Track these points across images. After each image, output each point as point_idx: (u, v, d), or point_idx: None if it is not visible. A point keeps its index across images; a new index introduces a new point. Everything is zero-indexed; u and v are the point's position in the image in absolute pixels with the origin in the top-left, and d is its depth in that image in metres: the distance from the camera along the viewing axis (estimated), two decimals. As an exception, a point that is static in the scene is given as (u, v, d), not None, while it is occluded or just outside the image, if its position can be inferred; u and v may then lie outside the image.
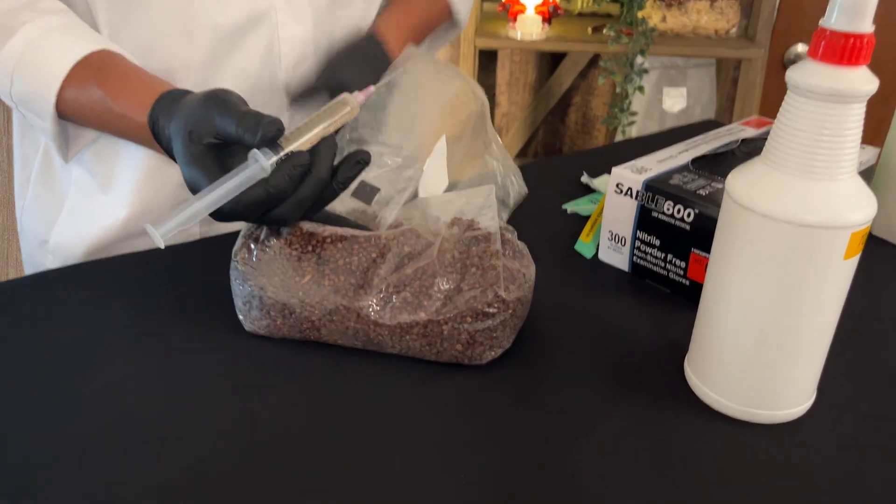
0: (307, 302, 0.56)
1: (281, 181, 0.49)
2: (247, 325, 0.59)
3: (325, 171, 0.51)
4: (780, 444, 0.52)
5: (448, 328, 0.55)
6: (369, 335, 0.56)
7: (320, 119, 0.52)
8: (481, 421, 0.53)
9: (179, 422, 0.52)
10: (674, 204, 0.66)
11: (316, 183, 0.51)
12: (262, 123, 0.49)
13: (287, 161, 0.50)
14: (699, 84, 2.10)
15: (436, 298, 0.55)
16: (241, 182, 0.49)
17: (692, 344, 0.57)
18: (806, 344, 0.50)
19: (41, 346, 0.59)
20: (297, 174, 0.50)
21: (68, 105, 0.65)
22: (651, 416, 0.54)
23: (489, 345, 0.56)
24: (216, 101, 0.51)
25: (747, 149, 0.78)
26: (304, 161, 0.50)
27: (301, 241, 0.56)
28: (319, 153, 0.51)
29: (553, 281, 0.70)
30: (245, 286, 0.57)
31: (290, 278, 0.56)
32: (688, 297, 0.67)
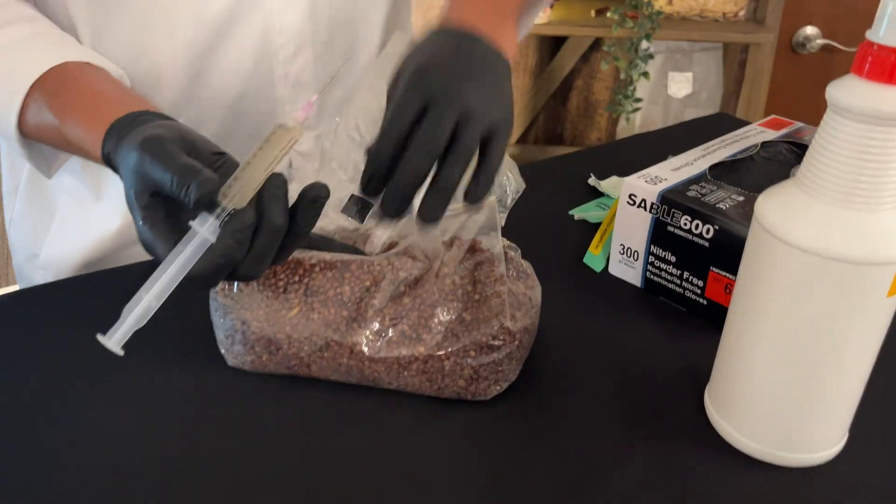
0: (295, 337, 0.52)
1: (227, 247, 0.43)
2: (230, 360, 0.55)
3: (278, 218, 0.44)
4: (807, 489, 0.48)
5: (450, 363, 0.50)
6: (364, 372, 0.52)
7: (259, 159, 0.44)
8: (487, 463, 0.49)
9: (156, 466, 0.48)
10: (691, 219, 0.61)
11: (271, 233, 0.44)
12: (194, 183, 0.42)
13: (231, 222, 0.43)
14: (705, 69, 2.04)
15: (436, 331, 0.50)
16: (188, 259, 0.43)
17: (714, 377, 0.53)
18: (841, 385, 0.46)
19: (17, 369, 0.55)
20: (245, 235, 0.43)
21: (31, 130, 0.60)
22: (671, 458, 0.50)
23: (494, 379, 0.52)
24: (151, 152, 0.44)
25: (767, 153, 0.73)
26: (249, 219, 0.43)
27: (286, 270, 0.52)
28: (266, 200, 0.44)
29: (560, 297, 0.66)
30: (226, 319, 0.53)
31: (276, 311, 0.51)
32: (706, 316, 0.63)
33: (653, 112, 2.10)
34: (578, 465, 0.49)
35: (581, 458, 0.49)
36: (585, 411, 0.53)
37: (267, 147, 0.44)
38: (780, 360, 0.46)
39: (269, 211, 0.44)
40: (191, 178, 0.42)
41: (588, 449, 0.50)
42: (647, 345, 0.61)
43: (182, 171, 0.43)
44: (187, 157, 0.44)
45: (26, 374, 0.55)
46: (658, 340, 0.61)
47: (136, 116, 0.51)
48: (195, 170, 0.43)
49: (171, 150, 0.44)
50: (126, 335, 0.43)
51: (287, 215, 0.45)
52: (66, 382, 0.55)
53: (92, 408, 0.53)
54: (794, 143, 0.74)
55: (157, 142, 0.45)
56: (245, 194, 0.43)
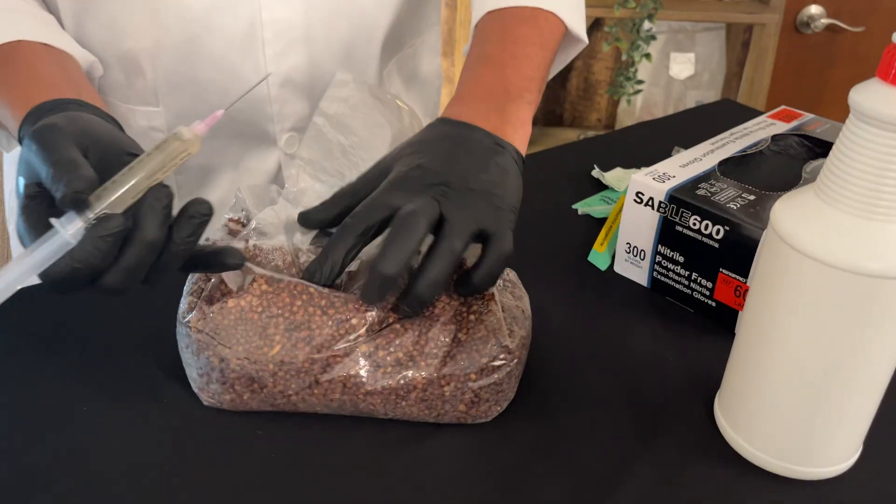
0: (280, 375, 0.48)
1: (87, 254, 0.39)
2: (204, 399, 0.50)
3: (152, 231, 0.40)
4: (819, 502, 0.47)
5: (450, 388, 0.48)
6: (358, 405, 0.49)
7: (144, 165, 0.41)
8: (488, 483, 0.47)
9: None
10: (701, 219, 0.59)
11: (143, 247, 0.41)
12: (65, 179, 0.39)
13: (96, 227, 0.40)
14: (708, 49, 2.01)
15: (432, 355, 0.48)
16: (44, 257, 0.39)
17: (724, 387, 0.51)
18: (858, 399, 0.45)
19: None
20: (108, 243, 0.40)
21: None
22: (680, 470, 0.48)
23: (495, 400, 0.50)
24: (39, 141, 0.41)
25: (777, 147, 0.71)
26: (116, 226, 0.40)
27: (263, 302, 0.47)
28: (142, 210, 0.41)
29: (563, 297, 0.64)
30: (200, 357, 0.48)
31: (258, 348, 0.47)
32: (714, 318, 0.61)
33: (654, 94, 2.07)
34: (583, 478, 0.47)
35: (586, 471, 0.48)
36: (589, 421, 0.52)
37: (155, 154, 0.41)
38: (796, 372, 0.45)
39: (143, 222, 0.41)
40: (64, 173, 0.39)
41: (593, 461, 0.49)
42: (653, 348, 0.59)
43: (58, 165, 0.40)
44: (73, 152, 0.41)
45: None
46: (665, 343, 0.60)
47: (61, 103, 0.48)
48: (72, 166, 0.40)
49: (59, 142, 0.41)
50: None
51: (164, 229, 0.42)
52: (29, 423, 0.52)
53: (65, 451, 0.48)
54: (806, 136, 0.72)
55: (50, 131, 0.42)
56: (121, 200, 0.40)
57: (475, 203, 0.48)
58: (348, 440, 0.49)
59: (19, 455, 0.48)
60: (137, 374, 0.54)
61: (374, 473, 0.47)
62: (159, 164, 0.41)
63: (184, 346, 0.49)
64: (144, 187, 0.41)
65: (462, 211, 0.47)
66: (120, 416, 0.51)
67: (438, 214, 0.47)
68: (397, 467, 0.48)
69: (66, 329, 0.58)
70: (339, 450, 0.49)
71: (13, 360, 0.55)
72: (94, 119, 0.47)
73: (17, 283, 0.40)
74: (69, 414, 0.51)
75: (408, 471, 0.48)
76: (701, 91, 2.03)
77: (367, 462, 0.48)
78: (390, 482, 0.47)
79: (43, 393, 0.52)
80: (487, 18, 0.66)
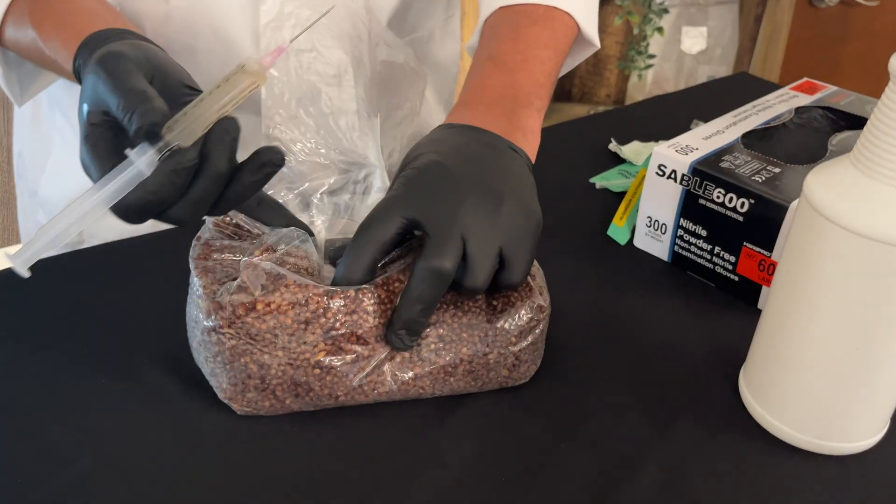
0: (328, 379, 0.46)
1: (160, 186, 0.40)
2: (237, 408, 0.47)
3: (222, 164, 0.41)
4: (846, 478, 0.46)
5: (494, 356, 0.48)
6: (408, 391, 0.48)
7: (214, 97, 0.41)
8: (513, 453, 0.47)
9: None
10: (725, 192, 0.58)
11: (212, 179, 0.41)
12: (139, 110, 0.39)
13: (170, 159, 0.40)
14: (720, 23, 1.98)
15: (473, 326, 0.47)
16: (118, 188, 0.40)
17: (750, 362, 0.51)
18: (887, 375, 0.44)
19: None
20: (181, 176, 0.40)
21: (10, 44, 0.57)
22: (705, 446, 0.48)
23: (532, 360, 0.50)
24: (107, 69, 0.41)
25: (801, 120, 0.70)
26: (190, 159, 0.40)
27: (296, 307, 0.45)
28: (212, 143, 0.41)
29: (583, 272, 0.64)
30: (236, 364, 0.45)
31: (300, 355, 0.45)
32: (736, 293, 0.60)
33: (665, 69, 2.04)
34: (607, 453, 0.47)
35: (610, 446, 0.47)
36: (611, 396, 0.51)
37: (224, 86, 0.41)
38: (827, 346, 0.44)
39: (214, 155, 0.41)
40: (137, 104, 0.39)
41: (617, 436, 0.48)
42: (675, 323, 0.58)
43: (130, 95, 0.39)
44: (143, 82, 0.41)
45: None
46: (687, 318, 0.59)
47: (113, 33, 0.47)
48: (144, 96, 0.39)
49: (126, 71, 0.41)
50: (36, 257, 0.40)
51: (232, 163, 0.42)
52: (50, 402, 0.52)
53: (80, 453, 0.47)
54: (830, 108, 0.71)
55: (116, 58, 0.42)
56: (192, 132, 0.40)
57: (498, 219, 0.45)
58: (367, 423, 0.49)
59: (40, 434, 0.47)
60: (162, 352, 0.53)
61: (397, 453, 0.47)
62: (228, 97, 0.41)
63: (211, 355, 0.46)
64: (213, 120, 0.41)
65: (484, 232, 0.44)
66: (141, 395, 0.50)
67: (461, 251, 0.44)
68: (418, 436, 0.47)
69: (89, 308, 0.57)
70: (359, 433, 0.48)
71: (34, 337, 0.55)
72: (151, 47, 0.46)
73: (94, 214, 0.40)
74: (91, 394, 0.50)
75: (430, 448, 0.47)
76: (713, 66, 2.01)
77: (391, 443, 0.48)
78: (410, 444, 0.47)
79: (64, 372, 0.52)
80: (498, 15, 0.63)
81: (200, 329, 0.45)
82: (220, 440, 0.47)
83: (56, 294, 0.58)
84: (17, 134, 0.80)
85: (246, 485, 0.44)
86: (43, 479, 0.44)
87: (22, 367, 0.52)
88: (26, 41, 0.54)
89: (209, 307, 0.45)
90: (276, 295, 0.45)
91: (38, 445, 0.46)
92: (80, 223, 0.40)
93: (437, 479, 0.45)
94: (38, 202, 0.77)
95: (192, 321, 0.47)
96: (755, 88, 0.92)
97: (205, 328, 0.45)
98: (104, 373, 0.51)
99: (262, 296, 0.44)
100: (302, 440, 0.47)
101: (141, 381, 0.51)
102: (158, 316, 0.55)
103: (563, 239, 0.68)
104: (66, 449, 0.46)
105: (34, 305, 0.57)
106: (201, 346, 0.46)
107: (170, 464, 0.45)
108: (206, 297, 0.45)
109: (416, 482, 0.45)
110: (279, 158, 0.43)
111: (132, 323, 0.56)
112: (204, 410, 0.48)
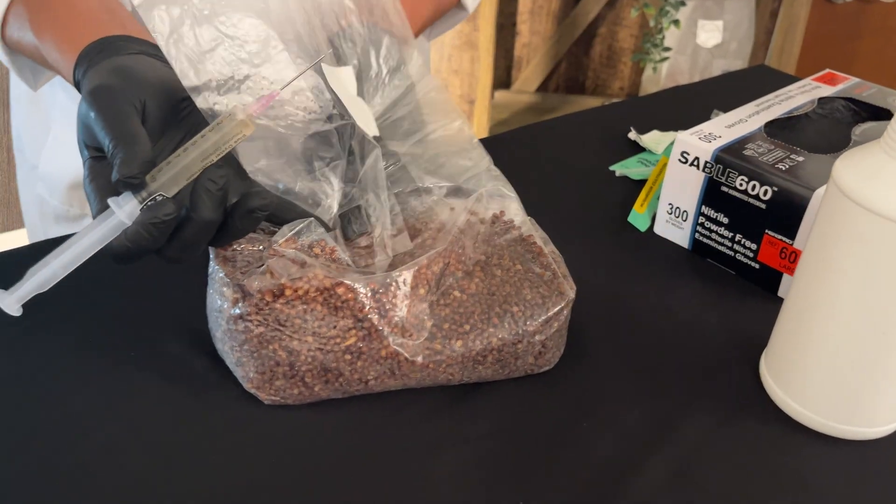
0: (359, 365, 0.46)
1: (138, 236, 0.40)
2: (264, 398, 0.47)
3: (206, 213, 0.41)
4: (866, 462, 0.47)
5: (523, 345, 0.48)
6: (438, 378, 0.48)
7: (198, 147, 0.41)
8: (537, 435, 0.47)
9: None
10: (748, 179, 0.58)
11: (199, 227, 0.41)
12: (119, 158, 0.39)
13: (150, 209, 0.40)
14: (736, 17, 1.97)
15: (507, 314, 0.48)
16: (102, 236, 0.41)
17: (773, 346, 0.51)
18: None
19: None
20: (159, 229, 0.41)
21: (14, 45, 0.57)
22: (726, 430, 0.48)
23: (557, 346, 0.51)
24: (97, 106, 0.41)
25: (824, 110, 0.70)
26: (168, 213, 0.40)
27: (324, 292, 0.45)
28: (197, 193, 0.41)
29: (603, 259, 0.64)
30: (265, 352, 0.45)
31: (330, 340, 0.45)
32: (757, 281, 0.61)
33: (679, 62, 2.04)
34: (628, 436, 0.47)
35: (631, 429, 0.48)
36: (633, 380, 0.52)
37: (210, 135, 0.41)
38: (851, 330, 0.44)
39: (199, 205, 0.41)
40: (120, 151, 0.39)
41: (638, 419, 0.49)
42: (696, 309, 0.59)
43: (116, 139, 0.40)
44: (131, 120, 0.41)
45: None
46: (707, 304, 0.59)
47: (108, 43, 0.47)
48: (129, 142, 0.40)
49: (114, 108, 0.41)
50: (25, 297, 0.41)
51: (221, 210, 0.42)
52: (77, 369, 0.53)
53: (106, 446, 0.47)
54: (852, 99, 0.71)
55: (105, 94, 0.42)
56: (175, 181, 0.41)
57: None
58: (391, 400, 0.49)
59: (66, 400, 0.48)
60: (185, 329, 0.54)
61: (420, 429, 0.48)
62: (213, 146, 0.41)
63: (237, 343, 0.46)
64: (198, 169, 0.41)
65: None
66: (163, 369, 0.51)
67: None
68: (440, 419, 0.48)
69: (112, 283, 0.58)
70: (382, 409, 0.49)
71: (57, 310, 0.55)
72: (143, 63, 0.46)
73: (77, 261, 0.42)
74: (113, 366, 0.51)
75: (453, 429, 0.48)
76: (728, 60, 2.00)
77: (414, 419, 0.48)
78: (437, 435, 0.47)
79: (91, 340, 0.52)
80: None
81: (226, 318, 0.46)
82: (241, 416, 0.48)
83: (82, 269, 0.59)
84: (15, 111, 0.80)
85: (272, 456, 0.45)
86: (68, 446, 0.45)
87: (46, 338, 0.52)
88: (29, 47, 0.55)
89: (235, 295, 0.45)
90: (303, 281, 0.45)
91: (64, 414, 0.47)
92: (69, 267, 0.41)
93: (459, 454, 0.46)
94: (38, 175, 0.77)
95: (216, 311, 0.47)
96: (773, 80, 0.92)
97: (231, 316, 0.45)
98: (127, 346, 0.52)
99: (290, 281, 0.45)
100: (325, 415, 0.48)
101: (163, 357, 0.51)
102: (182, 295, 0.56)
103: (584, 225, 0.68)
104: (89, 418, 0.47)
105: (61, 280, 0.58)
106: (226, 336, 0.46)
107: (191, 434, 0.46)
108: (231, 286, 0.45)
109: (440, 457, 0.45)
110: (265, 205, 0.43)
111: (155, 301, 0.56)
112: (226, 390, 0.49)
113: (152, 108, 0.43)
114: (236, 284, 0.45)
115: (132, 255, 0.41)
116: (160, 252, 0.43)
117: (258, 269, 0.45)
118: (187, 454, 0.45)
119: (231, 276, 0.46)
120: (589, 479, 0.45)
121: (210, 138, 0.41)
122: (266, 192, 0.43)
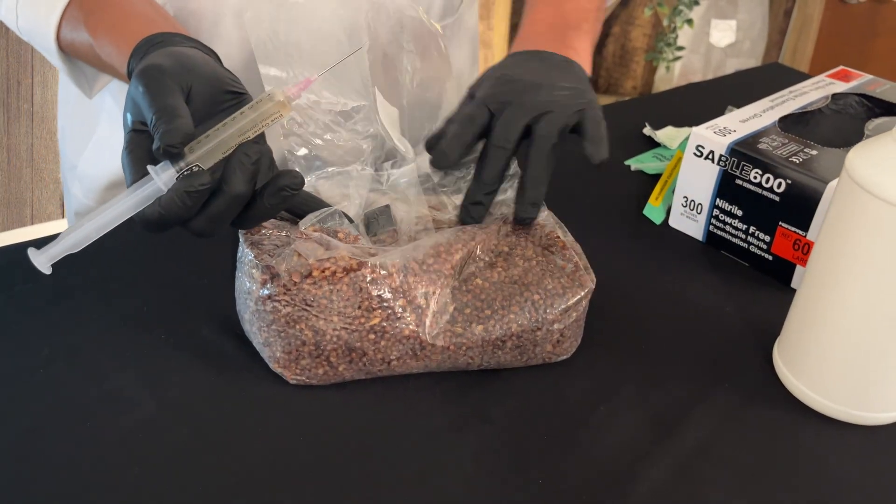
0: (382, 344, 0.48)
1: (172, 204, 0.42)
2: (290, 377, 0.49)
3: (239, 187, 0.43)
4: (879, 447, 0.48)
5: (542, 332, 0.50)
6: (457, 361, 0.50)
7: (237, 122, 0.43)
8: (554, 422, 0.49)
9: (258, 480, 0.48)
10: (762, 172, 0.60)
11: (230, 200, 0.43)
12: (162, 129, 0.41)
13: (185, 179, 0.42)
14: (750, 16, 1.98)
15: (527, 301, 0.49)
16: (138, 201, 0.43)
17: (786, 334, 0.52)
18: (925, 346, 0.45)
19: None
20: (193, 198, 0.42)
21: (68, 47, 0.59)
22: (740, 416, 0.49)
23: (575, 336, 0.52)
24: (145, 82, 0.43)
25: (837, 106, 0.71)
26: (203, 183, 0.42)
27: (350, 273, 0.46)
28: (231, 166, 0.43)
29: (619, 250, 0.65)
30: (292, 331, 0.47)
31: (355, 319, 0.47)
32: (770, 272, 0.62)
33: (693, 61, 2.04)
34: (646, 422, 0.49)
35: (649, 416, 0.49)
36: (649, 369, 0.53)
37: (248, 112, 0.43)
38: (863, 317, 0.45)
39: (232, 178, 0.43)
40: (162, 123, 0.41)
41: (655, 406, 0.50)
42: (710, 300, 0.60)
43: (160, 111, 0.42)
44: (175, 97, 0.43)
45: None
46: (722, 295, 0.61)
47: (162, 37, 0.50)
48: (173, 114, 0.42)
49: (162, 85, 0.43)
50: (57, 256, 0.43)
51: (252, 185, 0.44)
52: (114, 350, 0.55)
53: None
54: (866, 96, 0.72)
55: (154, 71, 0.44)
56: (212, 154, 0.43)
57: (555, 103, 0.53)
58: (413, 383, 0.51)
59: (104, 380, 0.50)
60: (217, 311, 0.56)
61: (444, 409, 0.49)
62: (250, 123, 0.43)
63: (265, 324, 0.47)
64: (235, 143, 0.43)
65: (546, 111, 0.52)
66: (198, 349, 0.52)
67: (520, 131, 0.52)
68: (460, 402, 0.49)
69: (147, 267, 0.60)
70: (405, 392, 0.50)
71: (96, 293, 0.57)
72: (196, 55, 0.48)
73: (114, 222, 0.43)
74: (150, 345, 0.53)
75: (475, 404, 0.49)
76: (741, 59, 2.01)
77: (438, 400, 0.50)
78: (459, 415, 0.49)
79: (127, 325, 0.54)
80: None
81: (254, 299, 0.47)
82: (267, 394, 0.49)
83: (125, 262, 0.61)
84: (62, 112, 0.82)
85: (298, 433, 0.47)
86: (111, 420, 0.47)
87: (88, 319, 0.54)
88: (83, 47, 0.57)
89: (264, 276, 0.47)
90: (330, 262, 0.46)
91: (106, 390, 0.49)
92: (102, 230, 0.43)
93: (481, 434, 0.47)
94: (76, 176, 0.79)
95: (245, 293, 0.48)
96: (787, 78, 0.93)
97: (259, 297, 0.47)
98: (163, 327, 0.54)
99: (316, 262, 0.46)
100: (349, 395, 0.49)
101: (195, 339, 0.53)
102: (212, 282, 0.58)
103: (600, 218, 0.69)
104: (130, 393, 0.49)
105: (98, 264, 0.59)
106: (255, 317, 0.48)
107: (222, 411, 0.48)
108: (260, 268, 0.47)
109: (462, 436, 0.47)
110: (296, 183, 0.45)
111: (187, 284, 0.58)
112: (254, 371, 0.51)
113: (197, 94, 0.45)
114: (265, 266, 0.47)
115: (163, 222, 0.43)
116: (187, 224, 0.44)
117: (286, 251, 0.47)
118: (218, 430, 0.47)
119: (259, 258, 0.47)
120: (606, 460, 0.46)
121: (248, 115, 0.43)
122: (297, 173, 0.45)
